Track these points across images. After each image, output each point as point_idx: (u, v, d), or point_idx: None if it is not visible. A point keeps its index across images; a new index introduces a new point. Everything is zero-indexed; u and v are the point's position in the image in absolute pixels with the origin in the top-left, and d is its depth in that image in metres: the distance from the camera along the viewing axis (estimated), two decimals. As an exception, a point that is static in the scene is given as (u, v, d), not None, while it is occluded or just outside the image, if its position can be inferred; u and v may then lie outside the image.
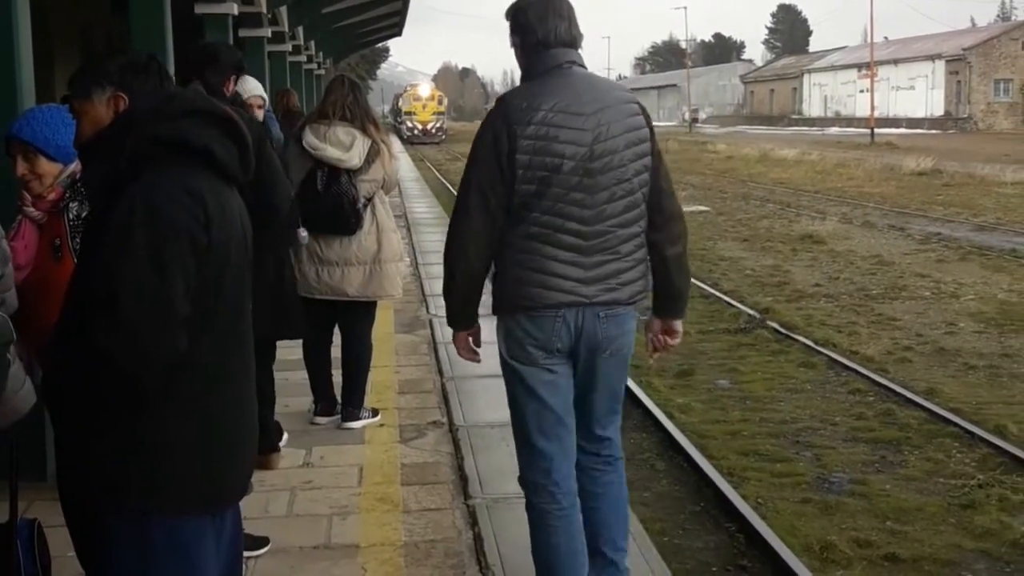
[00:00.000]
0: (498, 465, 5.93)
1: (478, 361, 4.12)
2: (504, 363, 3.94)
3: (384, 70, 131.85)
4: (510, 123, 3.70)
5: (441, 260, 3.91)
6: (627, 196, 3.79)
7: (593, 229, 3.76)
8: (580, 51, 3.90)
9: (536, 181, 3.70)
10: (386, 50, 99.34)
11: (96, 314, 2.41)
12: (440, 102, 71.37)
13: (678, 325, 4.14)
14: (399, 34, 39.83)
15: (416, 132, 68.52)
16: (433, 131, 69.04)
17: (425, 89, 72.30)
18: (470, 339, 4.02)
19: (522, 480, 4.01)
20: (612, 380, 3.99)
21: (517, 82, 4.06)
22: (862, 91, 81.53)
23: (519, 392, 3.93)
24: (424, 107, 69.47)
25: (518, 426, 3.99)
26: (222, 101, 5.15)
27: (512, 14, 3.91)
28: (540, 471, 3.90)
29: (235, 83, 5.56)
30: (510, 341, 3.88)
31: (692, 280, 7.75)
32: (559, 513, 3.89)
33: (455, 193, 4.01)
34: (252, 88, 5.95)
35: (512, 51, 3.98)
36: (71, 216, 3.80)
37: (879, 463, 7.21)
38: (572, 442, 3.96)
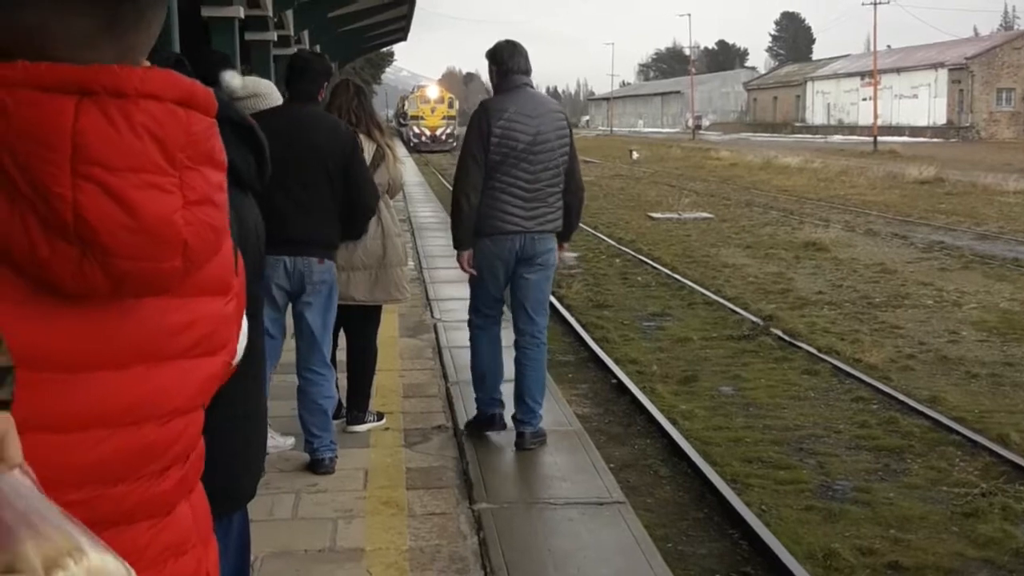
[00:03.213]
0: (503, 470, 5.94)
1: (474, 275, 6.31)
2: (475, 261, 6.24)
3: (388, 74, 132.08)
4: (488, 118, 6.02)
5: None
6: (553, 169, 6.10)
7: (532, 187, 6.06)
8: (530, 77, 6.24)
9: (500, 155, 5.98)
10: (391, 54, 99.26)
11: None
12: (451, 105, 63.03)
13: (567, 246, 6.63)
14: (404, 39, 39.85)
15: (424, 139, 61.19)
16: (443, 137, 61.00)
17: (434, 91, 64.81)
18: (467, 260, 6.23)
19: (470, 322, 6.54)
20: (541, 282, 6.32)
21: None
22: (865, 99, 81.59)
23: (481, 276, 6.29)
24: (433, 110, 61.76)
25: (472, 295, 6.50)
26: (316, 107, 5.80)
27: (492, 53, 6.20)
28: (481, 316, 6.46)
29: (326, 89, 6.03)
30: (480, 252, 6.19)
31: (695, 286, 9.18)
32: (487, 338, 6.48)
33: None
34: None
35: (488, 75, 6.41)
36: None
37: (882, 471, 7.22)
38: (499, 311, 6.51)
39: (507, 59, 6.10)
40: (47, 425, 1.22)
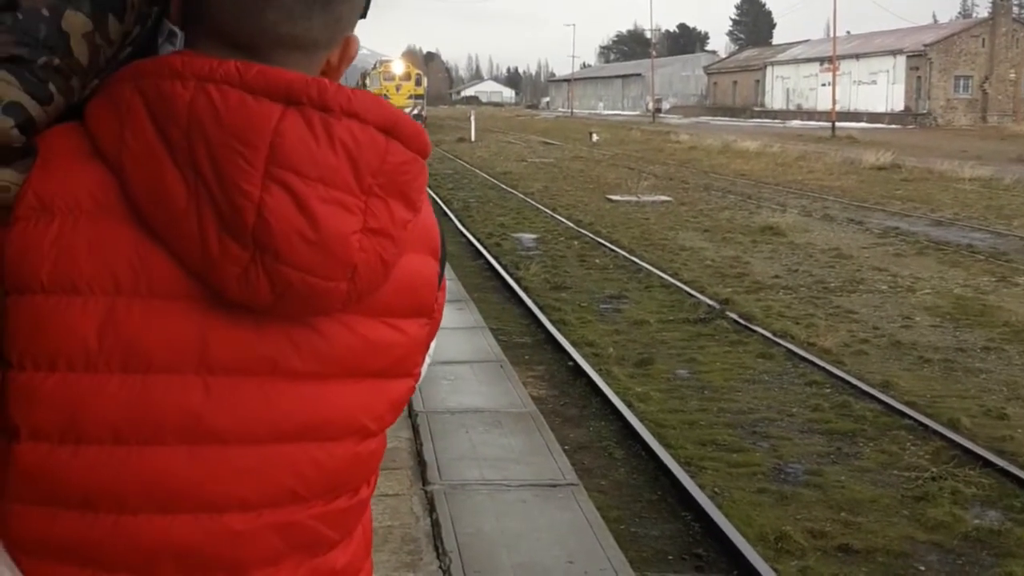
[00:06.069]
0: (457, 451, 5.93)
1: None
2: None
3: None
4: None
5: None
6: None
7: None
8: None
9: None
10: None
11: None
12: (418, 82, 57.92)
13: None
14: (364, 16, 39.61)
15: None
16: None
17: (399, 66, 58.71)
18: None
19: None
20: None
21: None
22: (824, 85, 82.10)
23: None
24: (398, 88, 55.74)
25: None
26: None
27: None
28: None
29: None
30: None
31: (652, 269, 8.96)
32: None
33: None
34: None
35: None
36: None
37: (834, 454, 7.28)
38: None
39: None
40: (222, 436, 1.19)
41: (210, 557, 1.20)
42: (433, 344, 1.41)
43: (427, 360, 1.41)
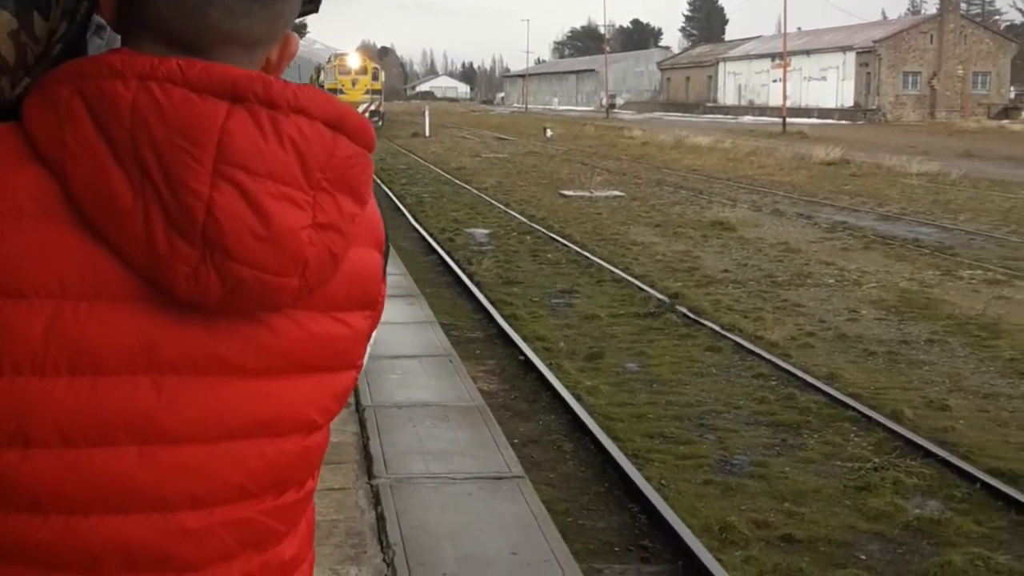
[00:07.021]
0: (404, 445, 5.94)
1: None
2: None
3: (302, 46, 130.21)
4: None
5: None
6: None
7: None
8: None
9: None
10: (303, 26, 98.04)
11: None
12: (375, 76, 54.79)
13: None
14: (315, 11, 39.38)
15: None
16: (365, 115, 51.14)
17: (355, 60, 55.83)
18: None
19: None
20: None
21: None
22: (775, 81, 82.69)
23: None
24: (354, 83, 52.89)
25: None
26: None
27: None
28: None
29: None
30: None
31: (604, 264, 9.02)
32: None
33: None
34: None
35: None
36: None
37: (779, 446, 7.37)
38: None
39: None
40: (173, 435, 1.19)
41: (161, 555, 1.20)
42: (374, 335, 1.42)
43: (367, 350, 1.42)
